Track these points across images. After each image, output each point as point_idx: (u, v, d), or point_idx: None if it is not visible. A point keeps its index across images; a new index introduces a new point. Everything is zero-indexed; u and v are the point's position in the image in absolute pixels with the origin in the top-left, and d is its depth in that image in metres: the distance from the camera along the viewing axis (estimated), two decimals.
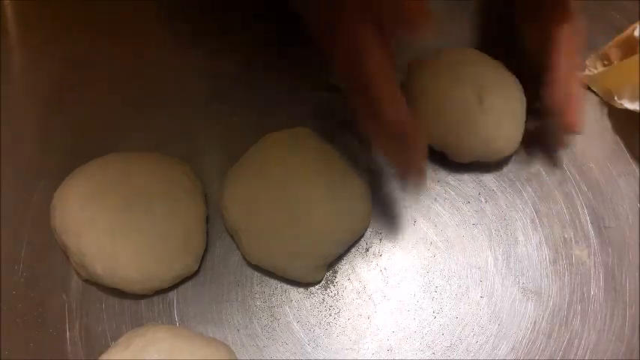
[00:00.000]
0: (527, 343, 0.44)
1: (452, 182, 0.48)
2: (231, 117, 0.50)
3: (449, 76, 0.46)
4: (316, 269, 0.44)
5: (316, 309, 0.45)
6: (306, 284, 0.45)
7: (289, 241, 0.43)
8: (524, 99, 0.48)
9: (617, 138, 0.50)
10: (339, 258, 0.46)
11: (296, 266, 0.44)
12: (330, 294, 0.45)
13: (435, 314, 0.45)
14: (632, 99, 0.48)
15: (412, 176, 0.42)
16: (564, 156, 0.49)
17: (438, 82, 0.46)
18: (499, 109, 0.45)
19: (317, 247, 0.44)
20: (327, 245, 0.44)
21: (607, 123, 0.50)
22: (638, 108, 0.48)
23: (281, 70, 0.50)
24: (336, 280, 0.46)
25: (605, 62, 0.51)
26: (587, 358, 0.44)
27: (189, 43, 0.52)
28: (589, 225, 0.47)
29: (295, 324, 0.45)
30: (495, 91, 0.46)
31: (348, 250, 0.46)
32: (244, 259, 0.46)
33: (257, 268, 0.45)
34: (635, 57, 0.47)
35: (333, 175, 0.45)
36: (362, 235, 0.47)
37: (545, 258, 0.46)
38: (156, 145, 0.48)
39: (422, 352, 0.44)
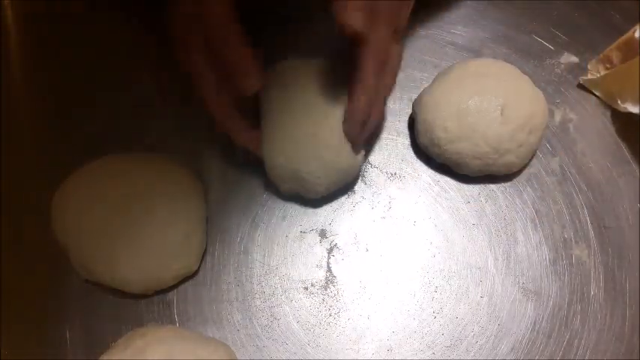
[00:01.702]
0: (527, 343, 0.44)
1: (452, 182, 0.48)
2: None
3: (474, 88, 0.45)
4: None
5: (316, 309, 0.45)
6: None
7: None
8: (546, 114, 0.47)
9: (618, 138, 0.50)
10: (339, 258, 0.46)
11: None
12: (330, 294, 0.45)
13: (435, 314, 0.45)
14: (634, 102, 0.48)
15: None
16: (564, 156, 0.49)
17: (463, 92, 0.45)
18: (518, 122, 0.45)
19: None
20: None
21: (607, 123, 0.50)
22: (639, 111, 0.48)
23: None
24: (336, 280, 0.46)
25: (607, 65, 0.50)
26: (587, 358, 0.44)
27: None
28: (589, 225, 0.47)
29: (295, 324, 0.45)
30: (517, 105, 0.45)
31: (348, 250, 0.46)
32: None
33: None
34: (636, 59, 0.47)
35: None
36: None
37: (545, 258, 0.46)
38: (156, 145, 0.49)
39: (422, 352, 0.44)
